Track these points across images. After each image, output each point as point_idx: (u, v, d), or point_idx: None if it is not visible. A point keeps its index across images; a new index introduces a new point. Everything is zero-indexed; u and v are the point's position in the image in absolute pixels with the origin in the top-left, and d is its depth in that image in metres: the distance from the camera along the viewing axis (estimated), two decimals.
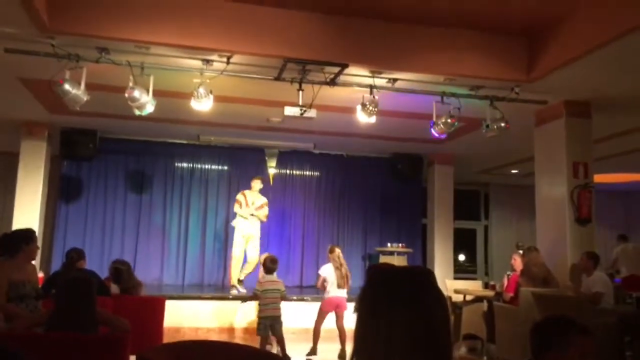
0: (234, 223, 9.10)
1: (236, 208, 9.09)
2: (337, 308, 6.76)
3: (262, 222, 9.14)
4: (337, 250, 6.93)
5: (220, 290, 9.37)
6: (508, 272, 7.17)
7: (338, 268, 6.76)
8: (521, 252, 7.06)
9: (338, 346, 6.71)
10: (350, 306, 7.04)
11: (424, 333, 1.07)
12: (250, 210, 8.97)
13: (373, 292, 1.13)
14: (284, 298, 6.50)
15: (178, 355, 2.53)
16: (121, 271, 5.72)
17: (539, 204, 7.29)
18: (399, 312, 1.07)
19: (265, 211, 9.11)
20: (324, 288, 6.84)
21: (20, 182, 9.04)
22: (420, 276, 1.14)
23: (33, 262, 4.57)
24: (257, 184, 9.19)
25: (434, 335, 1.08)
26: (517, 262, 6.91)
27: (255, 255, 8.83)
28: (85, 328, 2.95)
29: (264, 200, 9.19)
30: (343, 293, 6.79)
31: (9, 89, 7.12)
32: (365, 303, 1.13)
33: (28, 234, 4.37)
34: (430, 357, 1.06)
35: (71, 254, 5.82)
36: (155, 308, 5.82)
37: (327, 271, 6.80)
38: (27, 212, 8.89)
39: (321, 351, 6.72)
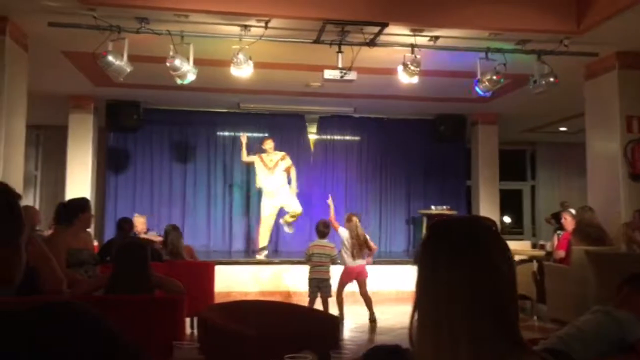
0: (258, 184, 9.10)
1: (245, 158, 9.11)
2: (358, 277, 6.75)
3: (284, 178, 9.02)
4: (355, 219, 6.77)
5: (267, 255, 9.53)
6: (558, 232, 7.02)
7: (354, 238, 6.66)
8: (573, 211, 6.89)
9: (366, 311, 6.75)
10: (385, 269, 6.89)
11: (490, 287, 1.03)
12: (266, 172, 8.88)
13: (434, 244, 1.10)
14: (334, 262, 6.55)
15: (234, 313, 2.59)
16: (167, 232, 5.97)
17: (590, 160, 7.05)
18: (461, 265, 1.04)
19: (287, 163, 8.97)
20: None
21: (70, 154, 9.37)
22: (483, 226, 1.10)
23: (88, 229, 4.74)
24: (268, 144, 9.03)
25: (498, 289, 1.04)
26: (568, 221, 6.74)
27: (297, 207, 8.87)
28: (141, 291, 3.05)
29: (280, 154, 9.05)
30: (361, 262, 6.74)
31: (54, 63, 7.28)
32: (426, 256, 1.10)
33: (83, 202, 4.52)
34: (498, 313, 1.03)
35: (124, 224, 6.07)
36: (205, 273, 5.97)
37: (345, 236, 6.74)
38: (78, 182, 9.22)
39: (353, 315, 6.78)
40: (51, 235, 4.56)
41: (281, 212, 9.10)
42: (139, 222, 7.68)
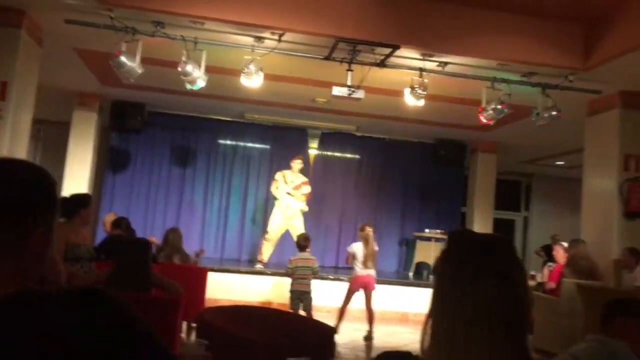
0: (277, 201, 9.21)
1: (273, 188, 9.21)
2: (366, 287, 6.84)
3: (302, 202, 9.24)
4: (368, 229, 6.97)
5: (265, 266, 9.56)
6: (549, 264, 7.08)
7: (366, 247, 6.82)
8: (565, 244, 6.96)
9: (365, 327, 6.82)
10: (378, 286, 7.00)
11: (508, 302, 1.07)
12: (287, 188, 9.08)
13: (457, 256, 1.14)
14: (315, 274, 6.66)
15: (234, 317, 2.62)
16: (166, 234, 6.02)
17: (586, 196, 7.14)
18: (484, 278, 1.08)
19: (303, 190, 9.18)
20: (351, 263, 6.96)
21: (70, 151, 9.38)
22: (505, 246, 1.15)
23: (87, 225, 4.75)
24: (297, 164, 9.28)
25: (518, 308, 1.08)
26: (560, 254, 6.82)
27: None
28: (141, 289, 3.08)
29: (303, 179, 9.28)
30: (371, 272, 6.86)
31: (65, 59, 7.33)
32: (448, 267, 1.14)
33: (85, 198, 4.55)
34: (513, 329, 1.07)
35: (127, 222, 6.12)
36: (198, 278, 5.99)
37: (356, 248, 6.90)
38: (77, 180, 9.20)
39: (348, 330, 6.81)
40: None
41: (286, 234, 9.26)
42: (109, 223, 7.09)
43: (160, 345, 1.06)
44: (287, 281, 8.01)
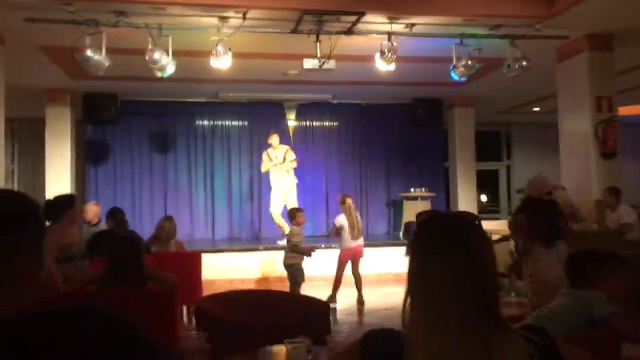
0: (273, 182, 9.32)
1: (262, 168, 9.29)
2: (354, 257, 6.95)
3: (294, 168, 9.34)
4: (348, 201, 7.00)
5: (250, 242, 9.64)
6: None
7: (349, 218, 6.88)
8: None
9: (355, 292, 7.00)
10: (367, 252, 7.20)
11: (475, 275, 1.16)
12: (286, 165, 9.15)
13: (425, 237, 1.23)
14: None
15: (229, 303, 2.70)
16: (162, 224, 6.08)
17: (563, 140, 7.28)
18: (451, 256, 1.17)
19: (289, 157, 9.28)
20: (337, 235, 7.02)
21: (48, 148, 9.31)
22: (468, 221, 1.23)
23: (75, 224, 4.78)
24: (274, 139, 9.29)
25: (484, 277, 1.17)
26: None
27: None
28: (135, 284, 3.14)
29: (285, 148, 9.38)
30: (360, 242, 6.96)
31: (30, 57, 7.21)
32: (418, 248, 1.23)
33: (70, 198, 4.56)
34: (482, 298, 1.16)
35: (121, 214, 6.12)
36: (192, 262, 6.06)
37: (342, 220, 6.93)
38: (58, 176, 9.17)
39: (340, 296, 6.98)
40: None
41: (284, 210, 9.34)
42: (92, 211, 7.13)
43: (157, 346, 1.11)
44: (279, 255, 8.17)
